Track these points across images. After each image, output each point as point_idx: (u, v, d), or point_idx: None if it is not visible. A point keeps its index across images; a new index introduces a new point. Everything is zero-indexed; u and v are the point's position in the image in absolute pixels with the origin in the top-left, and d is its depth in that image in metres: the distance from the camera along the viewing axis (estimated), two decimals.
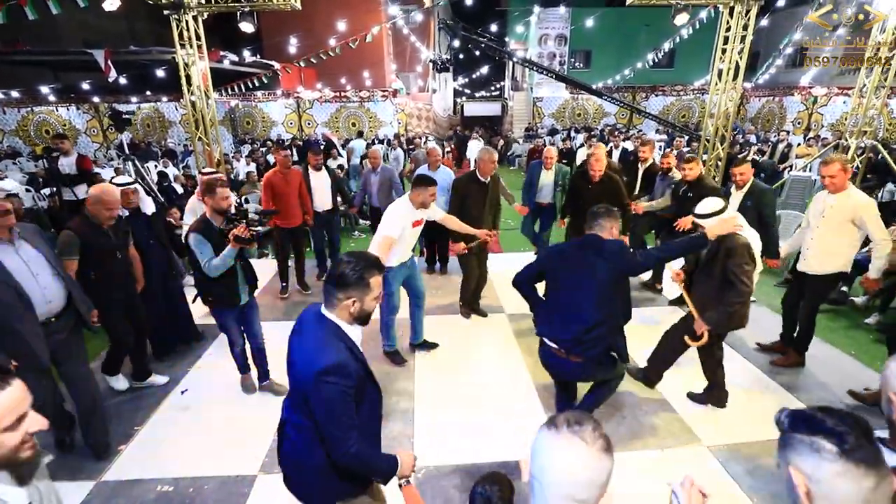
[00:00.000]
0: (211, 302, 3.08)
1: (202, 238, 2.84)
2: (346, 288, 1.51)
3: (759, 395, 3.37)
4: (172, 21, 5.89)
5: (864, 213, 3.14)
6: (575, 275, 2.45)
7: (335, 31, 10.93)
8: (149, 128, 17.02)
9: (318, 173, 5.16)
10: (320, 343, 1.51)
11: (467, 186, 4.11)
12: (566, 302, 2.47)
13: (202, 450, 2.90)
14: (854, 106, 6.49)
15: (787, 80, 17.04)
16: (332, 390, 1.44)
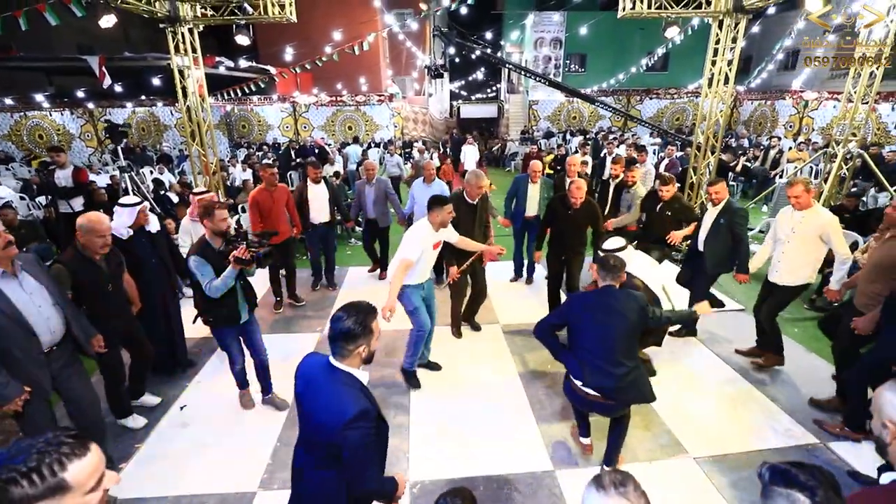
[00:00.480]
0: (211, 322, 3.12)
1: (202, 260, 2.90)
2: (355, 340, 1.66)
3: (744, 406, 3.46)
4: (168, 33, 5.93)
5: (829, 230, 3.37)
6: (603, 325, 2.55)
7: (331, 38, 10.97)
8: (143, 132, 17.00)
9: (317, 186, 5.21)
10: (340, 394, 1.63)
11: (456, 208, 3.92)
12: (598, 350, 2.55)
13: (202, 467, 2.95)
14: (842, 112, 6.61)
15: (779, 84, 17.22)
16: (360, 435, 1.58)
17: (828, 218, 3.41)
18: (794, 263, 3.55)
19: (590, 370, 2.55)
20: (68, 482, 0.96)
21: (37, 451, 0.95)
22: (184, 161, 13.07)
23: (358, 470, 1.61)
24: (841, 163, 6.53)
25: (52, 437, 0.99)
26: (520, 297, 5.46)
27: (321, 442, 1.66)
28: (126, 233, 3.39)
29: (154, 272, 3.59)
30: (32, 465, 0.94)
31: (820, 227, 3.39)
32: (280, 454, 3.05)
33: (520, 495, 2.72)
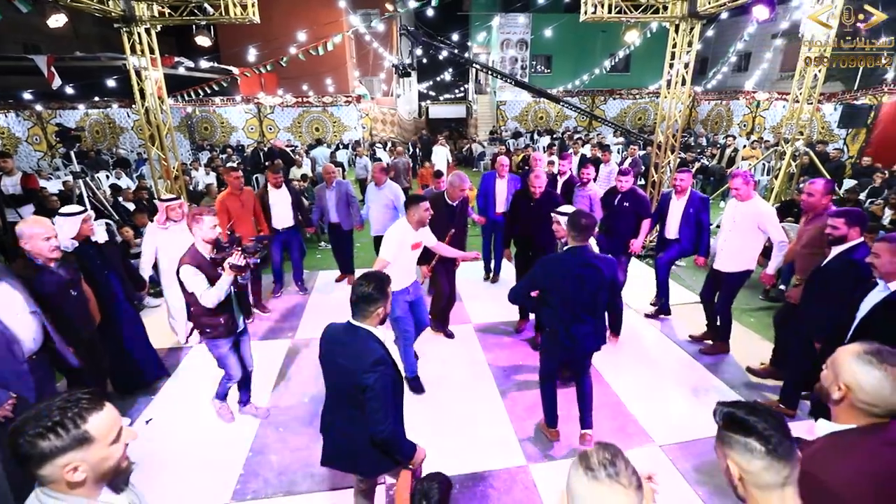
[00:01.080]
0: (208, 333, 2.99)
1: (195, 269, 2.78)
2: (375, 302, 1.96)
3: (705, 393, 3.64)
4: (123, 33, 5.69)
5: (766, 220, 3.67)
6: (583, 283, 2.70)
7: (295, 39, 10.77)
8: (98, 134, 16.21)
9: (278, 190, 5.10)
10: (362, 344, 1.94)
11: (435, 208, 3.89)
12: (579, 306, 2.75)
13: (171, 481, 2.87)
14: (789, 112, 7.00)
15: (733, 85, 18.05)
16: (379, 377, 1.86)
17: (765, 208, 3.73)
18: (735, 250, 3.84)
19: (571, 323, 2.75)
20: (91, 433, 1.06)
21: (57, 408, 1.05)
22: (142, 165, 12.55)
23: (375, 410, 1.87)
24: (790, 160, 6.93)
25: (69, 395, 1.09)
26: (489, 295, 5.53)
27: (347, 387, 1.94)
28: (70, 244, 3.17)
29: (107, 285, 3.40)
30: (56, 419, 1.03)
31: (757, 215, 3.68)
32: (252, 464, 3.00)
33: (495, 491, 2.77)
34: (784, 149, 7.03)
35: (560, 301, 2.75)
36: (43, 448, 1.01)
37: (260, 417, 3.41)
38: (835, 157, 9.97)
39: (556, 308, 2.79)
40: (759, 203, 3.76)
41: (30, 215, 5.38)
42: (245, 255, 2.79)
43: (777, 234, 3.65)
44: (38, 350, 2.46)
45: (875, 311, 2.44)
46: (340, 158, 13.62)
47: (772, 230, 3.67)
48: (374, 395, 1.86)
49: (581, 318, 2.75)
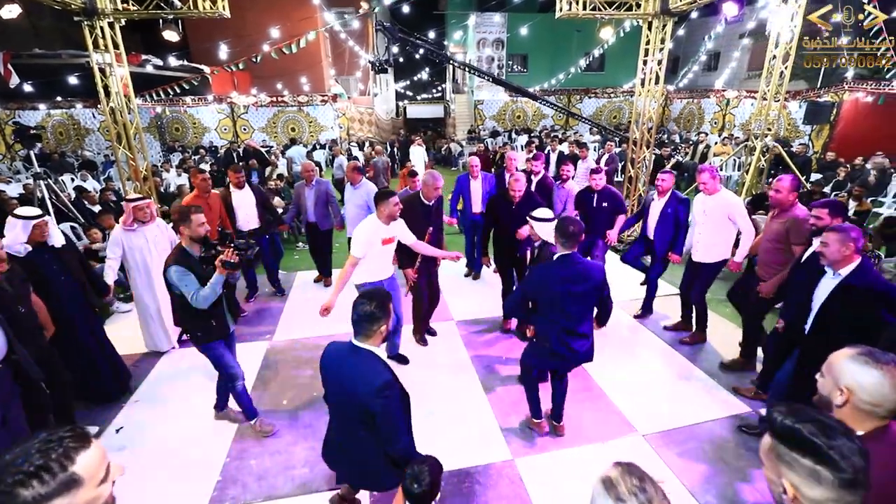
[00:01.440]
0: (200, 337, 2.85)
1: (184, 269, 2.64)
2: (377, 321, 1.92)
3: (685, 383, 3.70)
4: (85, 27, 5.44)
5: (734, 211, 3.80)
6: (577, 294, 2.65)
7: (268, 35, 10.55)
8: (62, 136, 15.58)
9: (241, 191, 4.90)
10: (369, 369, 1.90)
11: (411, 209, 3.82)
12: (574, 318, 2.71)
13: (145, 491, 2.74)
14: (758, 109, 7.21)
15: (703, 84, 18.54)
16: (388, 401, 1.86)
17: (733, 200, 3.87)
18: (709, 242, 3.96)
19: (565, 336, 2.71)
20: (80, 475, 0.93)
21: (38, 450, 0.91)
22: (110, 167, 12.11)
23: (390, 432, 1.90)
24: (759, 155, 7.13)
25: (49, 435, 0.95)
26: (471, 291, 5.52)
27: (355, 411, 1.93)
28: (23, 249, 2.99)
29: (65, 291, 3.21)
30: (39, 462, 0.90)
31: (726, 207, 3.81)
32: (230, 469, 2.89)
33: (481, 487, 2.74)
34: (754, 144, 7.24)
35: (552, 311, 2.70)
36: (25, 498, 0.88)
37: (241, 422, 3.29)
38: (800, 153, 10.34)
39: (547, 317, 2.73)
40: (727, 195, 3.90)
41: None
42: (237, 252, 2.68)
43: (745, 225, 3.79)
44: (2, 361, 2.29)
45: (833, 296, 2.50)
46: (318, 158, 13.41)
47: (740, 220, 3.79)
48: (386, 420, 1.88)
49: (576, 331, 2.71)
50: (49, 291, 3.08)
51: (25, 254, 3.01)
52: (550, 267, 2.69)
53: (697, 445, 3.01)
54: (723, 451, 2.95)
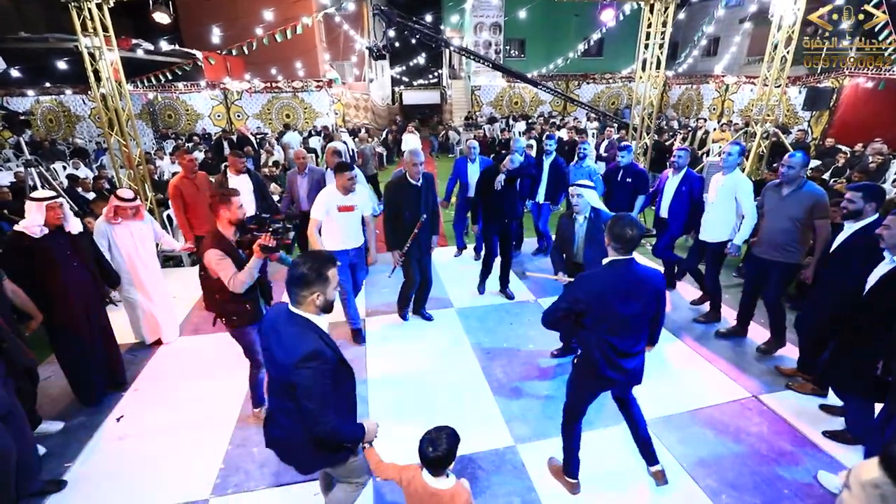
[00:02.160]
0: (234, 321, 2.85)
1: (221, 254, 2.64)
2: (309, 285, 1.73)
3: (683, 368, 3.71)
4: (72, 9, 5.29)
5: (741, 192, 3.87)
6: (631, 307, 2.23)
7: (261, 19, 10.32)
8: (52, 123, 15.29)
9: (238, 177, 4.83)
10: (296, 335, 1.72)
11: (398, 190, 3.98)
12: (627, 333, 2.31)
13: (147, 479, 2.74)
14: (759, 95, 7.15)
15: (703, 69, 18.36)
16: (310, 374, 1.66)
17: (743, 181, 3.94)
18: (715, 221, 4.08)
19: (615, 357, 2.30)
20: None
21: None
22: (102, 154, 11.93)
23: (311, 409, 1.69)
24: (759, 141, 7.10)
25: None
26: (471, 278, 5.49)
27: (279, 382, 1.78)
28: (39, 231, 3.01)
29: (75, 277, 3.17)
30: None
31: (735, 186, 3.90)
32: (233, 457, 2.89)
33: (484, 472, 2.75)
34: (754, 130, 7.19)
35: (604, 326, 2.26)
36: None
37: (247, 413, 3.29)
38: (799, 139, 10.29)
39: (597, 333, 2.28)
40: (739, 175, 3.96)
41: None
42: (275, 236, 2.63)
43: (749, 206, 3.85)
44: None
45: (881, 282, 2.48)
46: (313, 145, 13.26)
47: (744, 201, 3.86)
48: (307, 394, 1.68)
49: (630, 351, 2.32)
50: (57, 276, 3.06)
51: (41, 235, 3.01)
52: (603, 273, 2.26)
53: (699, 431, 3.03)
54: (724, 437, 2.97)
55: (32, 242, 2.98)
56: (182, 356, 4.04)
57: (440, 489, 1.82)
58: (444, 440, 1.80)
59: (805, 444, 2.90)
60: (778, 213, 3.55)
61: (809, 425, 3.03)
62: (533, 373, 3.69)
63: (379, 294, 5.01)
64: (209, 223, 4.47)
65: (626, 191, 4.85)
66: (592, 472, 2.71)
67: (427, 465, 1.82)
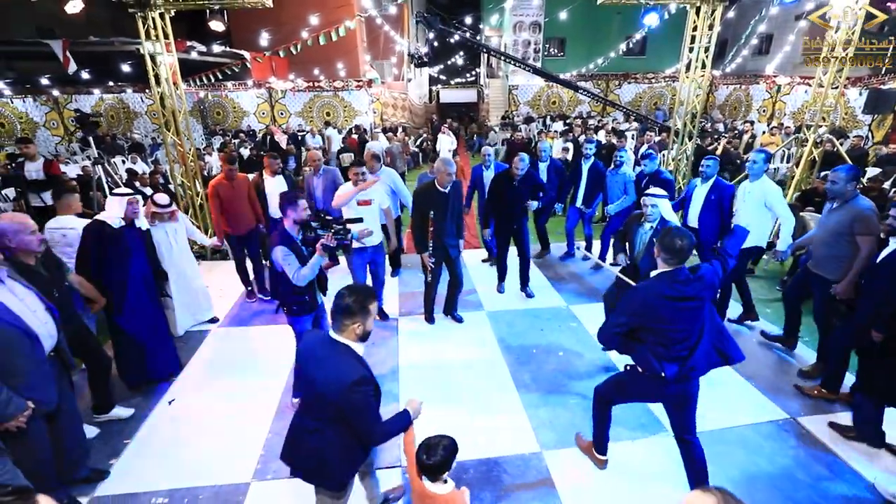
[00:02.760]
0: (294, 311, 3.17)
1: (287, 250, 2.93)
2: (352, 316, 1.88)
3: (719, 384, 3.62)
4: (138, 18, 5.69)
5: (772, 198, 3.89)
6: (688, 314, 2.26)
7: (307, 22, 10.68)
8: (113, 119, 16.35)
9: (274, 178, 5.04)
10: (343, 363, 1.86)
11: (428, 197, 4.09)
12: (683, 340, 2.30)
13: (194, 459, 2.97)
14: (813, 98, 6.81)
15: (753, 69, 17.53)
16: (362, 397, 1.83)
17: (772, 188, 3.95)
18: None
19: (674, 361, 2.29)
20: None
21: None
22: (157, 150, 12.67)
23: (366, 428, 1.88)
24: (811, 147, 6.75)
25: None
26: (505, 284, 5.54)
27: (325, 405, 1.87)
28: (118, 222, 3.36)
29: (141, 269, 3.50)
30: None
31: (763, 194, 3.92)
32: (272, 444, 3.08)
33: (509, 476, 2.82)
34: (806, 135, 6.86)
35: (659, 338, 2.27)
36: None
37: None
38: (855, 146, 9.69)
39: (653, 346, 2.30)
40: (767, 182, 3.98)
41: (51, 200, 5.50)
42: (336, 236, 2.91)
43: (783, 212, 3.91)
44: (55, 348, 2.42)
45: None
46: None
47: (778, 208, 3.90)
48: (360, 416, 1.85)
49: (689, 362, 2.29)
50: (127, 266, 3.38)
51: (118, 227, 3.34)
52: (658, 285, 2.25)
53: (729, 449, 2.97)
54: (756, 457, 2.91)
55: (112, 231, 3.31)
56: (228, 345, 4.31)
57: (436, 493, 1.93)
58: (440, 451, 1.90)
59: (844, 471, 2.80)
60: (825, 227, 3.46)
61: (850, 452, 2.92)
62: (562, 381, 3.71)
63: (413, 296, 5.14)
64: (245, 224, 4.78)
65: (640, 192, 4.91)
66: (619, 484, 2.72)
67: (421, 470, 1.92)
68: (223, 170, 4.81)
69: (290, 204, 3.02)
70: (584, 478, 2.81)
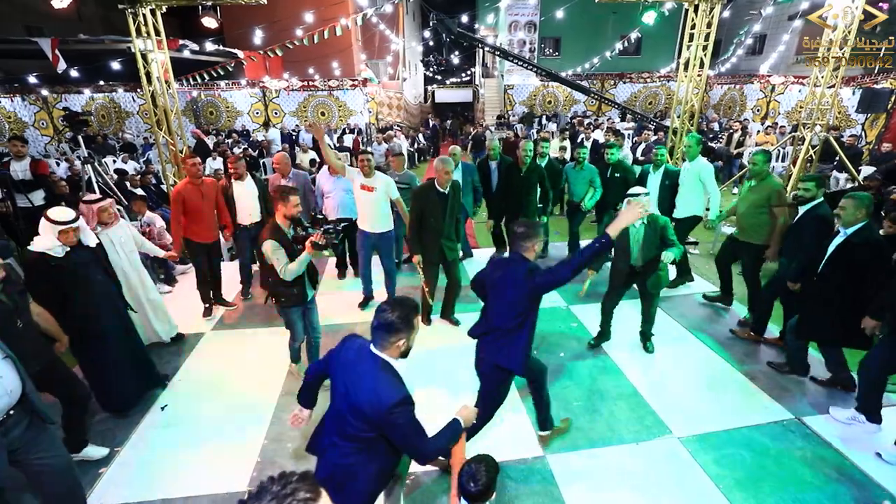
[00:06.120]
0: (283, 302, 3.25)
1: (277, 244, 3.00)
2: (397, 332, 1.77)
3: (723, 386, 3.59)
4: (128, 14, 5.57)
5: (703, 174, 4.79)
6: (500, 285, 2.58)
7: (301, 20, 10.57)
8: (104, 119, 16.11)
9: (241, 182, 4.64)
10: (382, 380, 1.75)
11: (426, 197, 3.99)
12: (490, 305, 2.69)
13: (189, 468, 2.88)
14: (808, 99, 6.81)
15: (747, 68, 17.61)
16: (405, 417, 1.73)
17: (704, 165, 4.84)
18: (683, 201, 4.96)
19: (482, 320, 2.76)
20: None
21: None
22: (149, 150, 12.49)
23: (412, 446, 1.80)
24: (808, 146, 6.76)
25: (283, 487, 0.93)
26: None
27: (363, 422, 1.78)
28: (61, 250, 2.88)
29: (102, 289, 3.13)
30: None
31: (698, 171, 4.79)
32: (268, 452, 3.00)
33: (512, 482, 2.75)
34: (803, 134, 6.86)
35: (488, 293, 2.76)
36: None
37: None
38: (850, 144, 9.74)
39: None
40: (701, 160, 4.86)
41: (40, 201, 5.37)
42: (325, 235, 2.96)
43: (710, 186, 4.78)
44: (16, 404, 1.99)
45: (837, 249, 3.15)
46: (347, 143, 13.49)
47: (707, 183, 4.77)
48: (404, 437, 1.76)
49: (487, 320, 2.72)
50: (86, 291, 2.99)
51: (63, 254, 2.88)
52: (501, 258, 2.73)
53: (736, 451, 2.93)
54: (763, 459, 2.87)
55: (57, 262, 2.84)
56: (221, 349, 4.21)
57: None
58: (484, 473, 1.79)
59: (853, 472, 2.77)
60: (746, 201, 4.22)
61: (859, 452, 2.89)
62: (564, 382, 3.66)
63: (411, 296, 5.06)
64: (212, 232, 4.48)
65: (617, 186, 5.27)
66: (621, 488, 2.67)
67: (469, 500, 1.79)
68: (186, 168, 4.35)
69: (282, 199, 3.07)
70: (589, 481, 2.75)
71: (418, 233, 4.07)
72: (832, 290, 3.17)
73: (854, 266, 3.07)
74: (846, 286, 3.11)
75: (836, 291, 3.15)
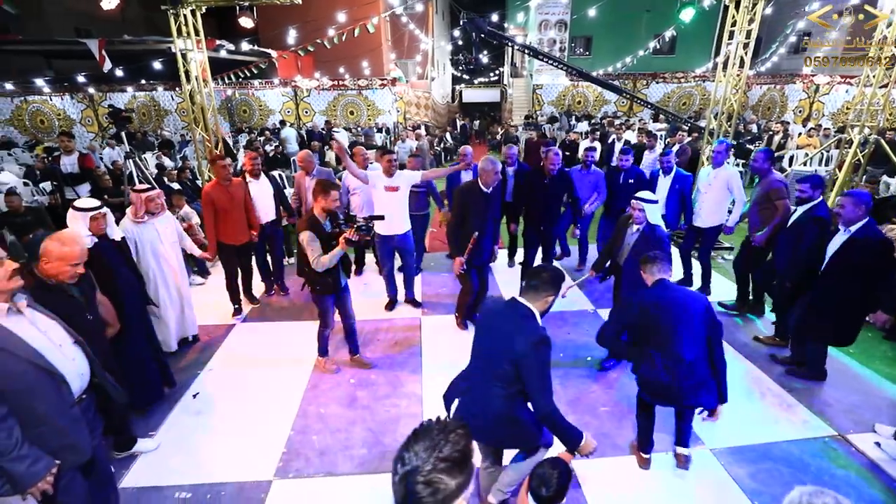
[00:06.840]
0: (318, 290, 3.40)
1: (313, 235, 3.13)
2: (548, 288, 2.06)
3: (761, 398, 3.44)
4: (170, 15, 5.78)
5: (733, 181, 4.60)
6: (674, 323, 2.43)
7: (333, 20, 10.74)
8: (144, 116, 16.80)
9: (257, 181, 4.65)
10: (527, 321, 2.00)
11: (469, 196, 3.89)
12: (669, 347, 2.46)
13: (217, 455, 2.95)
14: (857, 99, 6.46)
15: (789, 68, 16.88)
16: (543, 356, 1.94)
17: (732, 171, 4.68)
18: (708, 209, 4.77)
19: (663, 367, 2.47)
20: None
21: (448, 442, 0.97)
22: (185, 146, 12.94)
23: (538, 387, 1.95)
24: (856, 149, 6.41)
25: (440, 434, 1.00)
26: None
27: (505, 362, 1.98)
28: (89, 240, 2.89)
29: (126, 282, 3.13)
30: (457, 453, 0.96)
31: (726, 177, 4.61)
32: (294, 442, 3.05)
33: None
34: (851, 136, 6.52)
35: (652, 340, 2.52)
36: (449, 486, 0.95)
37: (365, 368, 3.80)
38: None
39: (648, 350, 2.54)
40: (728, 166, 4.71)
41: (86, 193, 5.63)
42: (358, 232, 3.06)
43: (738, 194, 4.63)
44: (87, 388, 2.03)
45: (839, 249, 3.14)
46: (376, 141, 13.63)
47: (735, 189, 4.61)
48: (536, 375, 1.93)
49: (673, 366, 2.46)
50: (113, 285, 2.96)
51: (92, 244, 2.88)
52: (652, 293, 2.55)
53: (773, 466, 2.80)
54: (802, 476, 2.73)
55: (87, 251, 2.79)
56: (252, 340, 4.31)
57: None
58: (556, 478, 1.69)
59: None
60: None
61: None
62: (590, 387, 3.59)
63: (437, 296, 5.07)
64: (242, 235, 4.44)
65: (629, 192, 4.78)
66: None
67: (539, 503, 1.71)
68: (216, 170, 4.25)
69: (323, 193, 3.19)
70: (616, 490, 2.68)
71: (458, 234, 3.89)
72: (834, 289, 3.18)
73: (857, 265, 3.06)
74: (850, 285, 3.11)
75: (840, 290, 3.15)
